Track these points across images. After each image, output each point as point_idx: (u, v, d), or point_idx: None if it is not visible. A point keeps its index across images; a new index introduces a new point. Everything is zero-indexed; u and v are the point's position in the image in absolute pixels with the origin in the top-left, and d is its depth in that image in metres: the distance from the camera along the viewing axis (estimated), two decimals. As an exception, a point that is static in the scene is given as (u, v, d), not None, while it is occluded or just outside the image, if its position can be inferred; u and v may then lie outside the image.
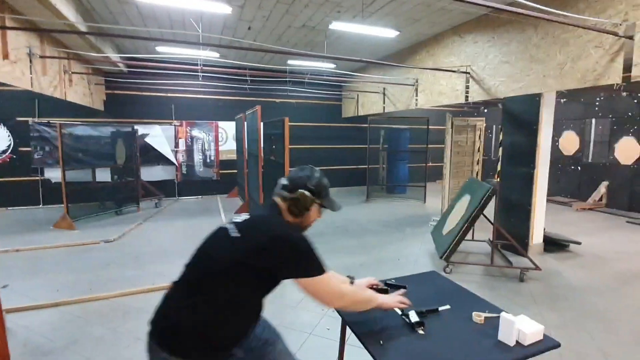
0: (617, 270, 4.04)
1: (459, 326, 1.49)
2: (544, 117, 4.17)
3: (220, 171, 8.64)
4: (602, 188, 7.34)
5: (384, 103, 7.51)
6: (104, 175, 6.47)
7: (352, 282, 1.61)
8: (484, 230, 5.01)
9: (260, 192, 5.33)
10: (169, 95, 7.94)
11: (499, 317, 1.46)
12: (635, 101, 6.85)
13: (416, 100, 6.21)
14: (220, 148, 8.60)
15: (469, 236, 4.60)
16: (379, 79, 7.24)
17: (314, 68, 8.03)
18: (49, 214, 6.44)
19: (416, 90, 6.19)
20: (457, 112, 10.93)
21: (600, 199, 7.33)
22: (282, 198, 1.35)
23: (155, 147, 7.78)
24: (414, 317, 1.49)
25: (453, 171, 6.06)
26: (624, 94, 6.97)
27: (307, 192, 1.32)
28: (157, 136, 7.82)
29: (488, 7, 2.67)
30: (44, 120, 6.89)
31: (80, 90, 6.13)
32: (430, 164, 10.31)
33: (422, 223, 6.10)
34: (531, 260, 3.78)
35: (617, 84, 3.21)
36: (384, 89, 7.43)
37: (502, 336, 1.38)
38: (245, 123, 6.83)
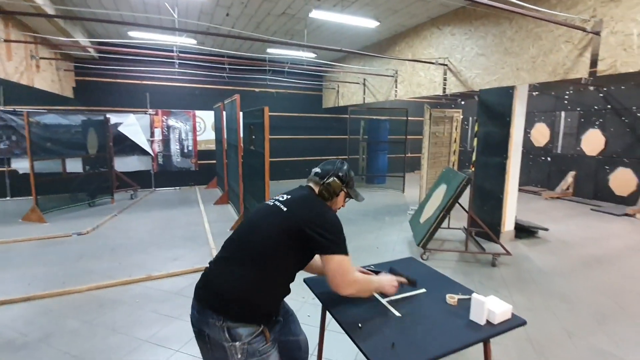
0: (581, 254, 4.30)
1: (434, 308, 1.56)
2: (517, 109, 4.32)
3: (199, 161, 8.47)
4: (570, 178, 7.73)
5: (364, 94, 7.55)
6: (75, 165, 6.21)
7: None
8: (459, 219, 5.20)
9: (240, 182, 5.28)
10: (144, 82, 7.65)
11: (470, 298, 1.54)
12: (601, 95, 7.20)
13: (396, 91, 6.28)
14: (198, 138, 8.42)
15: (444, 224, 4.76)
16: (358, 69, 7.26)
17: (294, 57, 7.95)
18: (17, 207, 6.14)
19: (396, 81, 6.25)
20: (435, 104, 11.14)
21: (568, 188, 7.73)
22: (314, 183, 1.54)
23: (130, 136, 7.51)
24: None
25: (430, 161, 6.21)
26: (591, 88, 7.31)
27: (337, 179, 1.51)
28: (132, 125, 7.55)
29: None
30: (10, 108, 6.50)
31: (48, 77, 5.81)
32: (409, 155, 10.50)
33: (400, 212, 6.24)
34: (503, 247, 3.96)
35: (585, 78, 3.37)
36: (364, 79, 7.46)
37: (473, 316, 1.46)
38: (224, 112, 6.71)
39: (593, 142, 7.38)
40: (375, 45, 6.94)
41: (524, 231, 4.86)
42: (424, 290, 1.72)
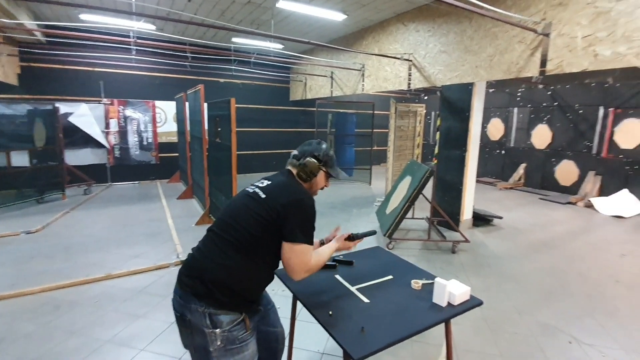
0: (530, 239, 4.68)
1: (400, 293, 1.64)
2: (475, 105, 4.56)
3: (160, 154, 8.11)
4: (521, 169, 8.32)
5: (331, 87, 7.59)
6: (21, 159, 5.70)
7: (322, 244, 1.75)
8: (422, 209, 5.43)
9: (205, 176, 5.14)
10: (97, 70, 7.15)
11: (433, 282, 1.64)
12: (549, 93, 7.78)
13: (363, 85, 6.37)
14: (159, 129, 8.04)
15: (409, 214, 4.95)
16: (326, 62, 7.27)
17: (261, 48, 7.79)
18: (-50, 204, 5.55)
19: (363, 75, 6.34)
20: (400, 98, 11.45)
21: (519, 179, 8.32)
22: (292, 166, 1.54)
23: (82, 127, 7.02)
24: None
25: (396, 154, 6.40)
26: (540, 86, 7.87)
27: (313, 159, 1.51)
28: (84, 115, 7.05)
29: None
30: (-62, 94, 5.81)
31: (-14, 61, 5.26)
32: (375, 148, 10.74)
33: (367, 204, 6.40)
34: (462, 234, 4.21)
35: (535, 77, 3.63)
36: (332, 73, 7.49)
37: (436, 298, 1.55)
38: (187, 103, 6.46)
39: (541, 136, 7.98)
40: (342, 39, 6.98)
41: (480, 219, 5.18)
42: (390, 277, 1.80)
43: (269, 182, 1.47)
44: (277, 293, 2.97)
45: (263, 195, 1.39)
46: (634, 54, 2.85)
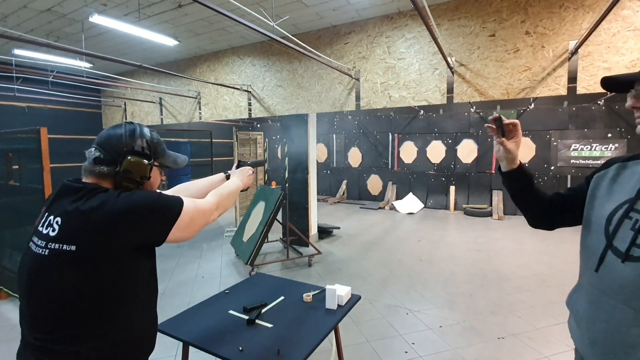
0: (362, 241, 5.68)
1: (296, 309, 1.76)
2: (310, 132, 5.26)
3: None
4: (344, 185, 9.96)
5: (161, 114, 7.00)
6: None
7: (228, 177, 1.48)
8: (273, 232, 5.70)
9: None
10: None
11: (321, 292, 1.84)
12: (356, 122, 9.75)
13: (200, 113, 6.21)
14: None
15: (265, 238, 5.10)
16: (152, 86, 6.68)
17: (63, 65, 6.38)
18: None
19: (199, 103, 6.19)
20: (238, 126, 11.64)
21: (344, 194, 9.92)
22: (98, 176, 0.98)
23: None
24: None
25: (241, 181, 6.48)
26: (349, 117, 9.77)
27: (138, 158, 1.00)
28: None
29: (262, 33, 3.14)
30: None
31: None
32: (214, 176, 10.42)
33: (216, 236, 6.16)
34: (315, 248, 4.69)
35: (349, 111, 4.55)
36: (161, 99, 6.93)
37: (328, 304, 1.75)
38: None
39: (355, 157, 9.85)
40: (172, 64, 6.61)
41: (324, 232, 5.90)
42: (282, 297, 1.89)
43: (61, 220, 0.91)
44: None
45: (71, 248, 0.88)
46: (411, 98, 4.05)
